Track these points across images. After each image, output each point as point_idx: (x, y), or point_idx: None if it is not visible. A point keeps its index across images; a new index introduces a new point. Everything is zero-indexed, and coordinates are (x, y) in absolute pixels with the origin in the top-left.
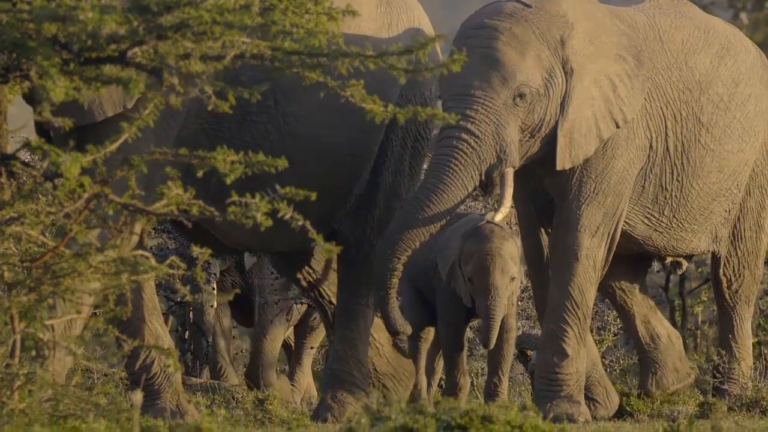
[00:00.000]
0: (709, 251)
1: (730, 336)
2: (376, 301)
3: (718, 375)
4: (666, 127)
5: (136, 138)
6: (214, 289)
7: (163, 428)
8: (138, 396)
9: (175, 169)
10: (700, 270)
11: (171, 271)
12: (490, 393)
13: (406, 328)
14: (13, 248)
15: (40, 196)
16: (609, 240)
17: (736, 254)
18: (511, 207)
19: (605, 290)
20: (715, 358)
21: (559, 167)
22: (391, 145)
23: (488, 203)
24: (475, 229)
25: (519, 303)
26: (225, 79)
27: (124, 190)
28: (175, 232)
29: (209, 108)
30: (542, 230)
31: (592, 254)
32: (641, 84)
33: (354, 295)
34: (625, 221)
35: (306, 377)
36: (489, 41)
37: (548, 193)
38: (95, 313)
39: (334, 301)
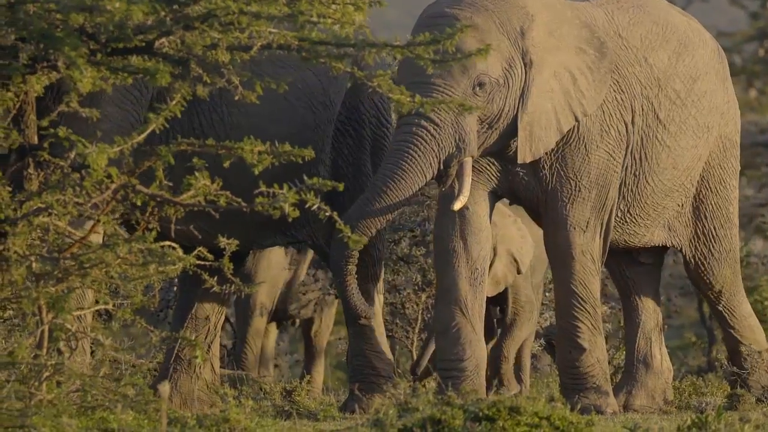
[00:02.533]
0: (665, 245)
1: (729, 328)
2: (336, 288)
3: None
4: (634, 121)
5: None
6: (240, 279)
7: (190, 419)
8: (166, 387)
9: (201, 161)
10: None
11: (198, 262)
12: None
13: (369, 312)
14: (41, 239)
15: (68, 186)
16: (603, 231)
17: (713, 255)
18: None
19: (621, 288)
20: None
21: (520, 161)
22: (347, 142)
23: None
24: None
25: (546, 294)
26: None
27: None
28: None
29: (236, 98)
30: (458, 215)
31: (588, 249)
32: (603, 76)
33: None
34: None
35: (321, 370)
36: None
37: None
38: (123, 303)
39: None
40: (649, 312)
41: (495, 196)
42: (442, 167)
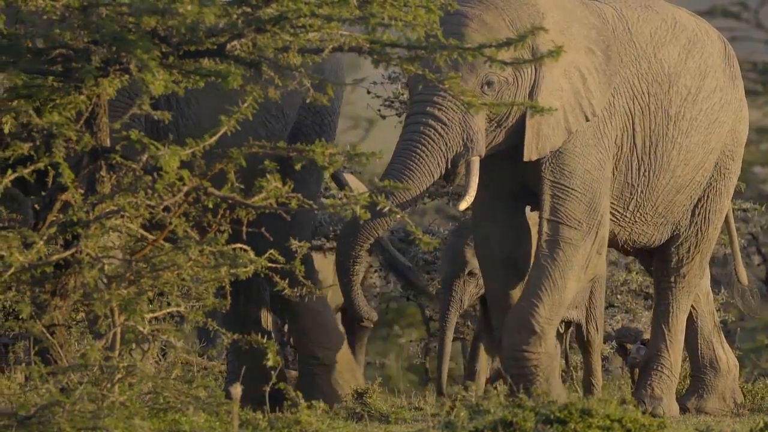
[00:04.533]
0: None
1: (664, 323)
2: (341, 289)
3: None
4: (633, 123)
5: None
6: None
7: (262, 421)
8: (237, 389)
9: (273, 163)
10: None
11: (270, 264)
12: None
13: (372, 315)
14: (113, 241)
15: (140, 189)
16: (596, 233)
17: (696, 235)
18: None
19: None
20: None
21: (525, 158)
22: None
23: None
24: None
25: (618, 297)
26: None
27: None
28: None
29: (308, 101)
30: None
31: (579, 246)
32: (608, 79)
33: None
34: None
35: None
36: (458, 27)
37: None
38: (194, 305)
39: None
40: (704, 316)
41: (522, 196)
42: (449, 166)
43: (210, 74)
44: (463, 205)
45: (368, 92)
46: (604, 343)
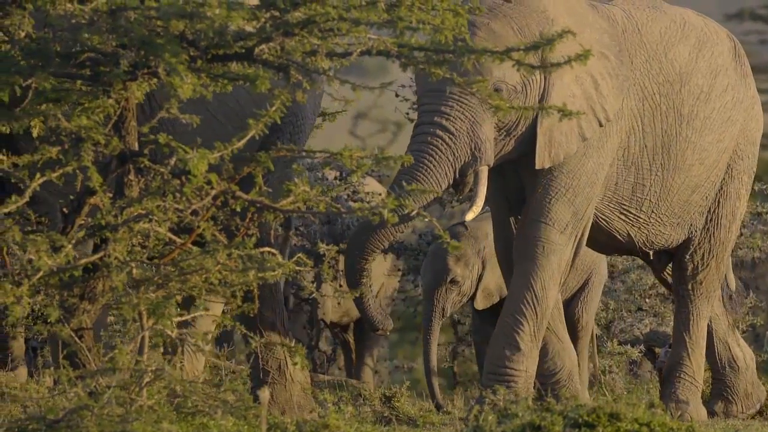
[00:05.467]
0: (685, 239)
1: (685, 331)
2: (353, 299)
3: None
4: (643, 124)
5: None
6: (341, 285)
7: (290, 425)
8: (265, 393)
9: (301, 167)
10: None
11: (298, 268)
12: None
13: (387, 324)
14: (142, 245)
15: (168, 193)
16: (576, 243)
17: (709, 241)
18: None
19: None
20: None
21: (538, 166)
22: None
23: None
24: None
25: (646, 300)
26: None
27: None
28: (303, 230)
29: (335, 102)
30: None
31: (560, 251)
32: (621, 83)
33: None
34: (601, 218)
35: (370, 371)
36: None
37: (524, 188)
38: (223, 311)
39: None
40: (717, 317)
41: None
42: (458, 176)
43: (238, 78)
44: (470, 216)
45: (396, 95)
46: (633, 346)
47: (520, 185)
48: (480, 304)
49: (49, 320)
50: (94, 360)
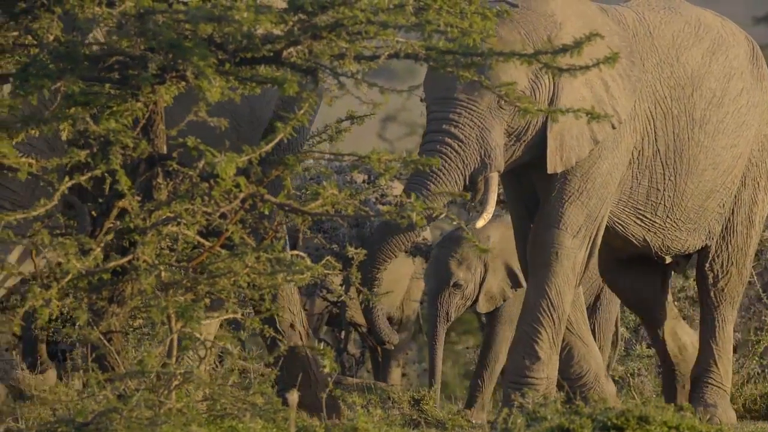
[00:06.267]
0: (702, 247)
1: (711, 338)
2: (364, 313)
3: None
4: (655, 127)
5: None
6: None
7: (319, 428)
8: (294, 396)
9: (330, 170)
10: None
11: (326, 272)
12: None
13: (393, 338)
14: (170, 248)
15: (196, 196)
16: (590, 245)
17: (726, 249)
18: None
19: (629, 304)
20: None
21: (550, 171)
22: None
23: None
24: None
25: (675, 303)
26: None
27: None
28: (331, 233)
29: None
30: None
31: (573, 255)
32: (633, 85)
33: None
34: (617, 222)
35: (398, 374)
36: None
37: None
38: (251, 312)
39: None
40: (665, 311)
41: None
42: (468, 183)
43: (266, 81)
44: (481, 222)
45: (421, 100)
46: None
47: (534, 191)
48: (483, 307)
49: (78, 323)
50: (123, 363)
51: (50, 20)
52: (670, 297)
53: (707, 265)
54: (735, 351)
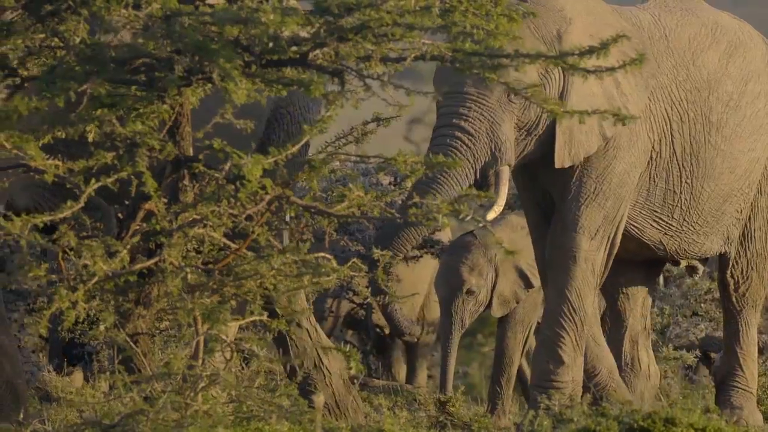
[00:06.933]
0: (720, 253)
1: (735, 342)
2: (381, 309)
3: None
4: (671, 129)
5: None
6: (395, 291)
7: (345, 429)
8: (320, 398)
9: (356, 173)
10: None
11: (352, 273)
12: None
13: (413, 330)
14: (196, 250)
15: (223, 198)
16: (609, 244)
17: (745, 255)
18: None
19: (606, 289)
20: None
21: (558, 165)
22: None
23: None
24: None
25: (702, 305)
26: None
27: None
28: (358, 235)
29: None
30: None
31: (591, 257)
32: (645, 81)
33: None
34: (633, 225)
35: (425, 376)
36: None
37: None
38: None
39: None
40: (636, 315)
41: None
42: (478, 177)
43: (293, 83)
44: (491, 215)
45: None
46: (688, 351)
47: (548, 193)
48: (497, 311)
49: (104, 325)
50: (150, 365)
51: (77, 23)
52: (648, 304)
53: (728, 271)
54: (761, 353)
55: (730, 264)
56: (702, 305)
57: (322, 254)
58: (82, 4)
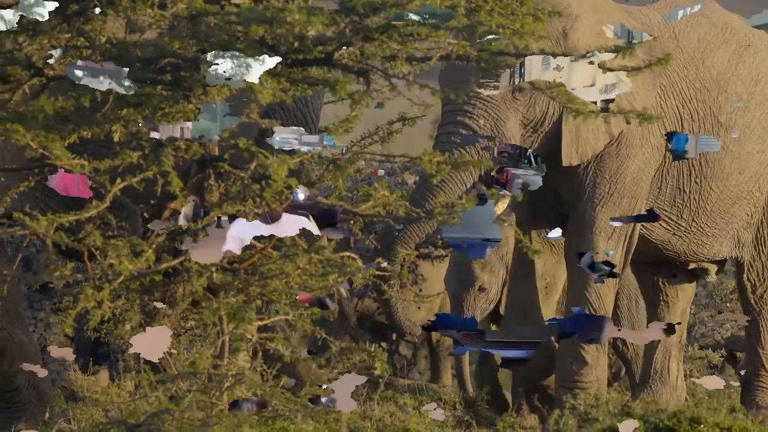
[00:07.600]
0: (731, 257)
1: (757, 343)
2: (384, 308)
3: None
4: (682, 128)
5: None
6: (420, 290)
7: (370, 428)
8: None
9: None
10: None
11: (378, 273)
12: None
13: (414, 330)
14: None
15: (248, 197)
16: (626, 242)
17: (760, 258)
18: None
19: (648, 296)
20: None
21: (565, 163)
22: None
23: None
24: None
25: (727, 305)
26: None
27: None
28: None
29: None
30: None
31: (611, 255)
32: (653, 79)
33: None
34: (643, 226)
35: (450, 375)
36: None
37: (555, 195)
38: (303, 314)
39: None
40: (676, 330)
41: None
42: (483, 174)
43: (318, 83)
44: (501, 207)
45: None
46: (714, 351)
47: (550, 192)
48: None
49: (130, 324)
50: (175, 364)
51: (102, 22)
52: (686, 317)
53: (744, 275)
54: None
55: (746, 268)
56: (727, 305)
57: (348, 253)
58: (108, 3)
